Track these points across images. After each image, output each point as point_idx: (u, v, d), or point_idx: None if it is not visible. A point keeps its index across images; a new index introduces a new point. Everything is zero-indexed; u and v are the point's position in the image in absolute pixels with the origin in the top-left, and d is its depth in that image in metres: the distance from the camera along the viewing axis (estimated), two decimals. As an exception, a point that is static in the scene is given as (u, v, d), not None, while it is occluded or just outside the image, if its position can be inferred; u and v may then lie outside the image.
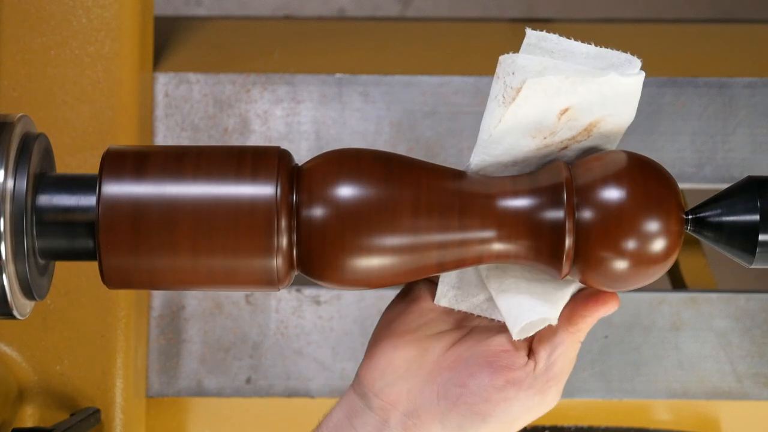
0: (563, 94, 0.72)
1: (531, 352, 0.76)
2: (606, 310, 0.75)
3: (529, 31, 0.75)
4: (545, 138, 0.74)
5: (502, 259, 0.73)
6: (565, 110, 0.73)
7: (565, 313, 0.75)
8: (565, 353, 0.75)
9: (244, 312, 1.17)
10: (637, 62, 0.74)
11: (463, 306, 0.78)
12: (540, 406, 0.75)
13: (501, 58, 0.73)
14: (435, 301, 0.78)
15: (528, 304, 0.75)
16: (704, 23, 1.29)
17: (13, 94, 1.08)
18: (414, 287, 0.80)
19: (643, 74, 0.74)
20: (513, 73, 0.72)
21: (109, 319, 1.09)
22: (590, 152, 0.76)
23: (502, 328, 0.77)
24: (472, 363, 0.75)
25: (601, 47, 0.74)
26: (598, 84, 0.72)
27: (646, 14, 1.99)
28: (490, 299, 0.78)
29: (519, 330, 0.74)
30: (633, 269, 0.72)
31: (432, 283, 0.79)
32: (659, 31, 1.29)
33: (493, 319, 0.78)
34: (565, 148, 0.75)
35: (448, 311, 0.79)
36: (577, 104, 0.73)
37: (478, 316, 0.79)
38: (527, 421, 0.76)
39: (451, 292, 0.78)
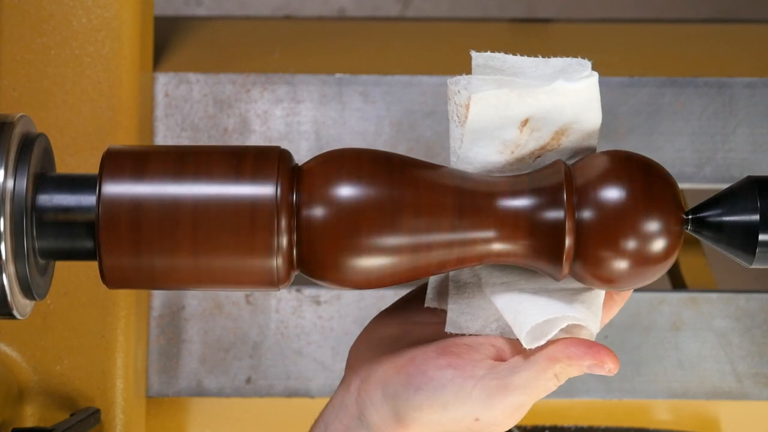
0: (514, 106, 0.72)
1: (511, 353, 0.75)
2: (595, 366, 0.72)
3: (474, 54, 0.76)
4: (513, 152, 0.74)
5: (502, 259, 0.73)
6: (525, 121, 0.73)
7: (559, 345, 0.73)
8: (532, 374, 0.72)
9: (244, 312, 1.17)
10: (588, 64, 0.74)
11: (474, 328, 0.77)
12: (477, 407, 0.73)
13: (449, 80, 0.74)
14: (446, 329, 0.78)
15: (533, 309, 0.74)
16: (704, 23, 1.28)
17: (13, 94, 1.08)
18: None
19: (594, 75, 0.74)
20: (458, 92, 0.73)
21: (109, 319, 1.09)
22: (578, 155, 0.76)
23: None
24: (432, 345, 0.75)
25: (549, 57, 0.75)
26: (546, 93, 0.72)
27: (646, 14, 1.99)
28: (500, 319, 0.77)
29: (527, 335, 0.73)
30: (633, 269, 0.72)
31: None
32: (659, 31, 1.29)
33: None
34: (539, 157, 0.75)
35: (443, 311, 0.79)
36: (534, 115, 0.73)
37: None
38: (461, 419, 0.73)
39: (461, 318, 0.77)
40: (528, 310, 0.74)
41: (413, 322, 0.78)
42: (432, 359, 0.74)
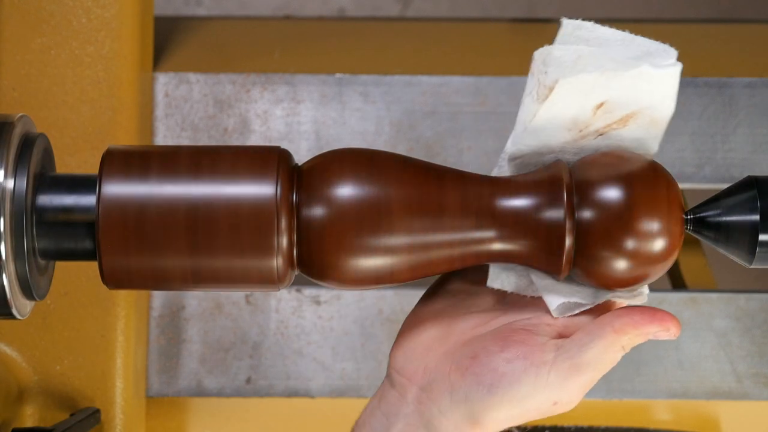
0: (598, 89, 0.72)
1: (567, 332, 0.74)
2: (660, 332, 0.72)
3: (564, 21, 0.75)
4: (581, 131, 0.74)
5: (502, 259, 0.73)
6: (600, 104, 0.72)
7: (621, 313, 0.73)
8: (601, 349, 0.71)
9: (244, 312, 1.17)
10: (673, 52, 0.73)
11: (512, 286, 0.76)
12: (555, 391, 0.71)
13: (535, 53, 0.73)
14: (488, 284, 0.76)
15: (569, 289, 0.74)
16: (704, 23, 1.28)
17: (13, 94, 1.08)
18: (446, 276, 0.79)
19: (679, 66, 0.72)
20: (546, 72, 0.72)
21: (109, 319, 1.09)
22: (621, 144, 0.75)
23: (528, 316, 0.75)
24: (488, 337, 0.73)
25: (636, 35, 0.74)
26: (631, 77, 0.71)
27: (646, 14, 1.99)
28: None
29: (558, 306, 0.73)
30: (633, 269, 0.72)
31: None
32: (659, 31, 1.28)
33: (531, 297, 0.76)
34: (601, 134, 0.74)
35: (479, 293, 0.77)
36: (611, 98, 0.72)
37: (515, 299, 0.77)
38: (540, 407, 0.72)
39: (503, 274, 0.77)
40: (562, 289, 0.74)
41: (449, 317, 0.76)
42: (497, 353, 0.72)
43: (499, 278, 0.77)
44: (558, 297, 0.74)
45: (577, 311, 0.74)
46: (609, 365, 0.72)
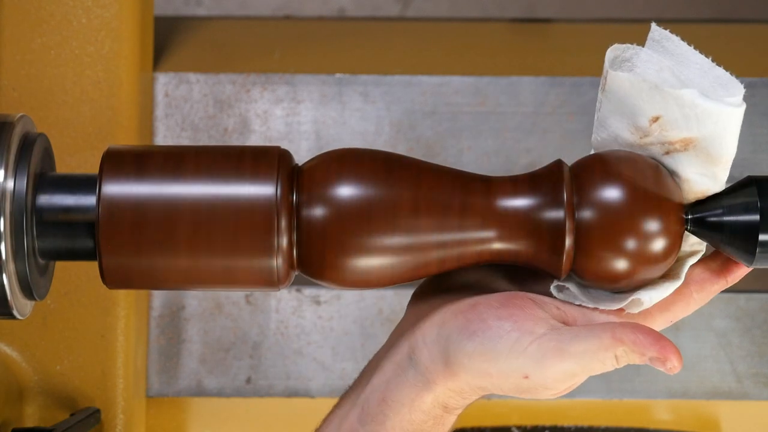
0: (645, 98, 0.71)
1: (565, 323, 0.73)
2: (657, 359, 0.70)
3: (654, 26, 0.75)
4: (641, 138, 0.74)
5: (502, 258, 0.73)
6: (656, 118, 0.72)
7: (627, 324, 0.71)
8: (592, 347, 0.70)
9: (244, 312, 1.17)
10: (740, 91, 0.72)
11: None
12: (529, 364, 0.70)
13: (615, 45, 0.73)
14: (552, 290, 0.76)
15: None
16: (704, 23, 1.28)
17: (13, 94, 1.08)
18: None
19: (739, 106, 0.71)
20: (605, 62, 0.72)
21: (109, 319, 1.09)
22: (697, 167, 0.74)
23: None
24: (496, 296, 0.73)
25: (717, 64, 0.73)
26: (674, 98, 0.71)
27: (646, 14, 1.99)
28: None
29: (555, 284, 0.74)
30: (633, 269, 0.72)
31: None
32: (659, 31, 1.28)
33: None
34: (667, 153, 0.74)
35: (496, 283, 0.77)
36: (665, 115, 0.72)
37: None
38: (511, 375, 0.71)
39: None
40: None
41: (490, 273, 0.77)
42: (494, 308, 0.72)
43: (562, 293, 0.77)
44: (588, 293, 0.74)
45: (573, 301, 0.74)
46: (597, 368, 0.71)
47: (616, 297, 0.74)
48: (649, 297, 0.73)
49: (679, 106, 0.71)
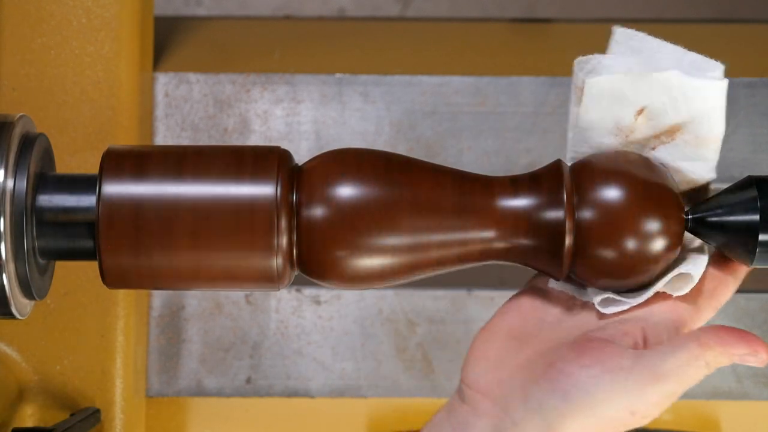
0: (630, 93, 0.71)
1: (646, 344, 0.72)
2: (748, 355, 0.70)
3: (616, 30, 0.75)
4: (627, 136, 0.74)
5: (501, 258, 0.73)
6: (641, 110, 0.72)
7: (709, 329, 0.71)
8: (683, 360, 0.70)
9: (244, 312, 1.17)
10: (719, 68, 0.72)
11: (571, 289, 0.76)
12: (633, 400, 0.69)
13: (576, 60, 0.73)
14: (549, 284, 0.76)
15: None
16: (704, 23, 1.28)
17: (13, 94, 1.08)
18: (523, 292, 0.77)
19: (721, 81, 0.71)
20: (577, 75, 0.72)
21: (109, 319, 1.09)
22: (680, 157, 0.74)
23: (603, 325, 0.73)
24: (564, 347, 0.72)
25: (689, 49, 0.73)
26: (659, 82, 0.71)
27: (646, 14, 1.99)
28: None
29: (601, 300, 0.73)
30: (632, 269, 0.72)
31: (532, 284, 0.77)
32: (659, 31, 1.28)
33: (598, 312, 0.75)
34: (653, 148, 0.74)
35: (548, 309, 0.76)
36: (650, 104, 0.72)
37: (583, 309, 0.76)
38: (617, 415, 0.69)
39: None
40: None
41: (520, 331, 0.75)
42: (573, 359, 0.70)
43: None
44: (601, 292, 0.74)
45: (622, 308, 0.73)
46: (691, 380, 0.70)
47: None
48: (696, 271, 0.72)
49: (666, 90, 0.71)
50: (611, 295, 0.73)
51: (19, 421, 1.07)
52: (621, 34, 0.74)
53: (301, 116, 1.18)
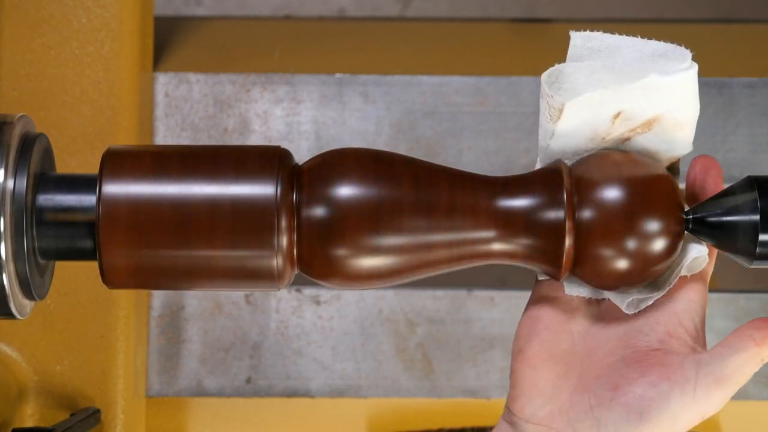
0: (608, 102, 0.71)
1: (702, 348, 0.73)
2: None
3: (573, 34, 0.74)
4: (603, 138, 0.74)
5: (502, 259, 0.73)
6: (617, 114, 0.72)
7: (760, 325, 0.73)
8: (742, 362, 0.72)
9: (244, 312, 1.17)
10: (687, 54, 0.72)
11: (588, 291, 0.76)
12: (702, 407, 0.71)
13: (543, 75, 0.72)
14: (566, 291, 0.76)
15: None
16: (704, 23, 1.28)
17: (13, 94, 1.08)
18: (535, 304, 0.77)
19: (693, 68, 0.72)
20: (552, 96, 0.71)
21: (109, 319, 1.09)
22: (656, 146, 0.75)
23: (639, 327, 0.74)
24: (621, 365, 0.72)
25: (649, 39, 0.73)
26: (638, 88, 0.71)
27: (646, 14, 1.99)
28: None
29: (628, 303, 0.73)
30: (633, 269, 0.72)
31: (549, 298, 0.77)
32: (659, 31, 1.28)
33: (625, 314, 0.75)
34: (627, 140, 0.74)
35: (572, 319, 0.75)
36: (627, 108, 0.72)
37: (609, 315, 0.75)
38: (690, 421, 0.71)
39: (575, 280, 0.76)
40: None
41: (560, 352, 0.74)
42: (639, 379, 0.71)
43: (573, 284, 0.76)
44: (624, 295, 0.74)
45: (648, 303, 0.73)
46: (748, 376, 0.73)
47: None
48: (705, 248, 0.74)
49: (644, 92, 0.71)
50: (636, 296, 0.73)
51: (19, 421, 1.07)
52: (578, 38, 0.75)
53: (301, 116, 1.18)
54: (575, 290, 0.76)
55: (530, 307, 0.77)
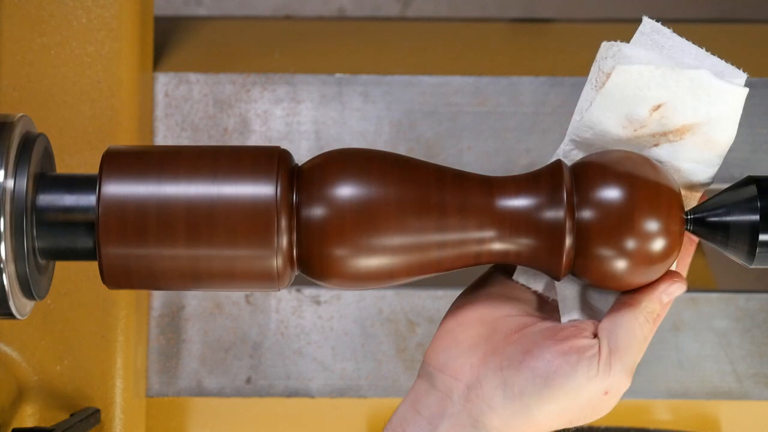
0: (654, 86, 0.71)
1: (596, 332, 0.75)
2: (669, 288, 0.74)
3: (645, 19, 0.75)
4: (635, 130, 0.73)
5: (501, 259, 0.73)
6: (658, 106, 0.72)
7: (634, 293, 0.75)
8: (626, 327, 0.73)
9: (244, 312, 1.17)
10: (743, 76, 0.73)
11: (538, 286, 0.78)
12: (604, 381, 0.73)
13: (603, 43, 0.73)
14: (514, 277, 0.78)
15: (575, 302, 0.76)
16: (704, 23, 1.28)
17: (13, 94, 1.08)
18: (485, 278, 0.79)
19: (744, 90, 0.72)
20: (606, 58, 0.72)
21: (109, 319, 1.09)
22: (680, 155, 0.75)
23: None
24: (538, 335, 0.74)
25: (712, 54, 0.74)
26: (689, 79, 0.71)
27: (646, 14, 1.99)
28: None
29: (569, 321, 0.76)
30: (632, 269, 0.72)
31: (502, 269, 0.79)
32: (659, 31, 1.28)
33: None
34: (656, 145, 0.74)
35: (517, 298, 0.78)
36: (669, 102, 0.72)
37: (547, 302, 0.78)
38: (593, 395, 0.73)
39: (530, 270, 0.77)
40: (569, 300, 0.76)
41: (491, 318, 0.76)
42: (551, 347, 0.73)
43: (526, 275, 0.77)
44: (570, 313, 0.76)
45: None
46: (644, 341, 0.74)
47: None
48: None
49: (692, 88, 0.71)
50: (577, 318, 0.75)
51: (19, 421, 1.07)
52: (648, 25, 0.75)
53: (301, 116, 1.18)
54: (523, 279, 0.77)
55: (486, 281, 0.79)
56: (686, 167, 0.74)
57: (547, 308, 0.78)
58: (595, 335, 0.74)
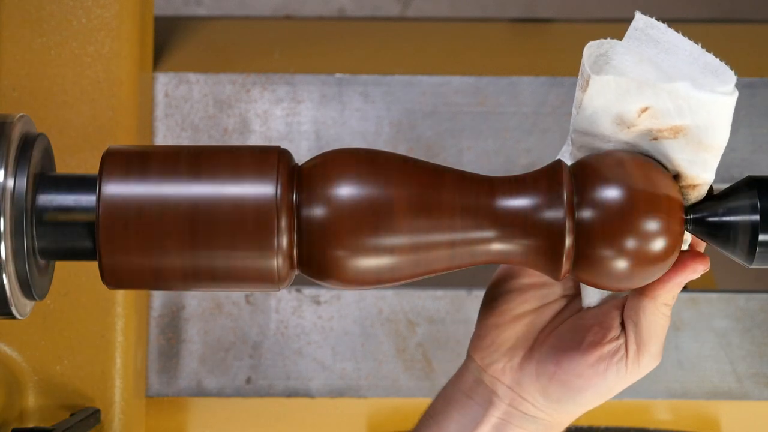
0: (633, 95, 0.71)
1: (622, 323, 0.79)
2: (686, 274, 0.76)
3: (638, 15, 0.75)
4: (629, 128, 0.73)
5: (501, 259, 0.73)
6: (645, 109, 0.72)
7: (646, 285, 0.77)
8: (649, 320, 0.77)
9: (244, 312, 1.17)
10: (733, 79, 0.72)
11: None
12: (634, 372, 0.79)
13: (590, 42, 0.73)
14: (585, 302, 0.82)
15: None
16: (704, 23, 1.28)
17: (13, 94, 1.08)
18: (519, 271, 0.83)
19: (732, 95, 0.71)
20: (585, 65, 0.72)
21: (109, 319, 1.09)
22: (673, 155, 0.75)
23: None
24: (567, 339, 0.80)
25: (707, 50, 0.73)
26: (667, 92, 0.71)
27: (646, 14, 1.99)
28: None
29: (586, 305, 0.80)
30: (633, 269, 0.72)
31: None
32: (659, 31, 1.28)
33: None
34: (655, 139, 0.74)
35: (544, 283, 0.82)
36: (655, 106, 0.72)
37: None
38: (625, 386, 0.79)
39: None
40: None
41: (523, 313, 0.82)
42: (578, 359, 0.79)
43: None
44: (591, 297, 0.80)
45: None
46: (665, 328, 0.78)
47: None
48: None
49: (672, 98, 0.71)
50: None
51: (19, 421, 1.07)
52: (642, 21, 0.74)
53: (301, 116, 1.18)
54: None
55: (512, 274, 0.83)
56: (685, 167, 0.74)
57: (570, 283, 0.82)
58: (622, 324, 0.78)
